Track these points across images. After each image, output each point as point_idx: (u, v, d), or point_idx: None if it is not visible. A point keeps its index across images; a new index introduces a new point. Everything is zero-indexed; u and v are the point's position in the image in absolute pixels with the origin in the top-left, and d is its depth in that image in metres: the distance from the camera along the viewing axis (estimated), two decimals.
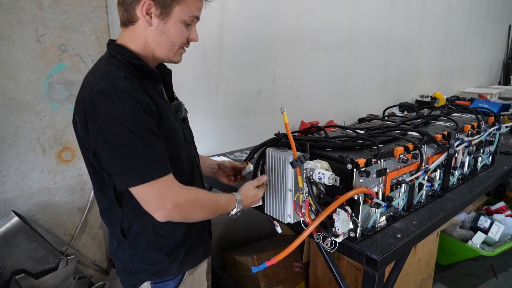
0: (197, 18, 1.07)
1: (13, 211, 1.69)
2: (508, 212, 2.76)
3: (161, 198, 0.95)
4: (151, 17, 1.01)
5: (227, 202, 1.12)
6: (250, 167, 1.36)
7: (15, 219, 1.67)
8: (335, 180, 1.05)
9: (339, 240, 1.10)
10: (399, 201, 1.32)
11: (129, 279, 1.14)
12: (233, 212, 1.14)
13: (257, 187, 1.22)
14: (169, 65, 1.21)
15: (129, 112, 0.91)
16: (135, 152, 0.91)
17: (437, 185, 1.52)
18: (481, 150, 1.77)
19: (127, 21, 1.03)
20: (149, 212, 0.97)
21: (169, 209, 0.95)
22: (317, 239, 1.16)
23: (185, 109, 1.21)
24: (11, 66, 1.61)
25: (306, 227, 1.09)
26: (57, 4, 1.66)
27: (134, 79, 0.98)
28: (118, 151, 0.91)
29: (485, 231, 2.60)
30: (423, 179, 1.38)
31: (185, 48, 1.10)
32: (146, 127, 0.93)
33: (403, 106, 2.91)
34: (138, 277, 1.12)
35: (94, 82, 0.94)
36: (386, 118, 1.90)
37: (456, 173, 1.60)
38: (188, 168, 1.13)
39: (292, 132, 1.12)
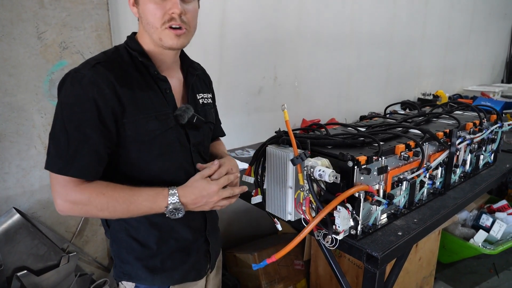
0: None
1: (14, 208, 1.69)
2: (510, 211, 2.75)
3: (55, 191, 0.94)
4: (136, 7, 1.03)
5: (152, 197, 0.96)
6: (248, 179, 1.27)
7: (17, 216, 1.67)
8: (336, 178, 1.05)
9: (339, 237, 1.10)
10: (400, 198, 1.31)
11: (114, 270, 1.15)
12: (166, 211, 0.97)
13: (220, 179, 1.03)
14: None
15: (70, 101, 0.93)
16: (54, 138, 0.94)
17: (438, 183, 1.51)
18: (483, 148, 1.76)
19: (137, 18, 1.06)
20: None
21: (59, 204, 0.94)
22: (318, 236, 1.15)
23: (197, 116, 1.10)
24: (12, 63, 1.61)
25: (306, 224, 1.09)
26: (58, 1, 1.66)
27: (105, 70, 0.95)
28: (51, 133, 0.95)
29: (487, 229, 2.60)
30: (425, 176, 1.37)
31: (173, 23, 0.99)
32: (78, 121, 0.92)
33: (405, 104, 2.89)
34: (115, 270, 1.13)
35: None
36: (387, 116, 1.89)
37: (458, 171, 1.59)
38: (171, 178, 1.05)
39: (293, 130, 1.12)
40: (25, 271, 1.67)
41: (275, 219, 1.29)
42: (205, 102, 1.21)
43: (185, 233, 1.14)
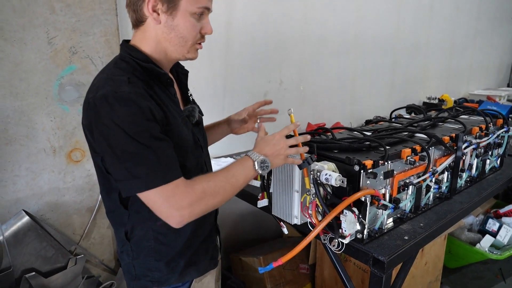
0: (208, 9, 1.02)
1: (24, 210, 1.72)
2: None
3: (167, 205, 0.91)
4: (158, 14, 0.98)
5: (241, 165, 1.02)
6: (254, 182, 1.31)
7: (26, 218, 1.70)
8: (342, 182, 1.06)
9: (346, 241, 1.10)
10: (406, 203, 1.31)
11: (131, 282, 1.14)
12: (257, 167, 1.01)
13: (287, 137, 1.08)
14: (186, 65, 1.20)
15: (130, 118, 0.88)
16: (137, 158, 0.89)
17: (444, 187, 1.51)
18: (490, 153, 1.76)
19: (137, 21, 1.02)
20: (162, 219, 0.94)
21: (177, 216, 0.92)
22: (324, 240, 1.16)
23: (200, 112, 1.17)
24: (23, 68, 1.64)
25: (313, 228, 1.10)
26: (68, 7, 1.69)
27: (139, 83, 0.95)
28: (121, 158, 0.89)
29: (494, 234, 2.58)
30: (431, 181, 1.37)
31: (201, 43, 1.06)
32: (148, 133, 0.90)
33: (410, 108, 2.90)
34: (140, 282, 1.11)
35: (99, 86, 0.93)
36: (393, 120, 1.90)
37: (464, 175, 1.59)
38: (193, 176, 1.08)
39: (299, 134, 1.13)
40: (34, 272, 1.69)
41: (281, 222, 1.29)
42: (193, 98, 1.24)
43: (206, 227, 1.17)
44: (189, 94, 1.21)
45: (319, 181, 1.09)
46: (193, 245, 1.14)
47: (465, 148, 1.52)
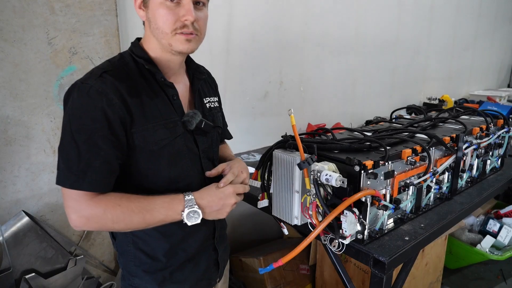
0: None
1: (23, 211, 1.71)
2: None
3: (70, 205, 0.91)
4: (143, 10, 1.00)
5: (168, 204, 0.95)
6: (255, 183, 1.27)
7: (26, 219, 1.69)
8: (343, 182, 1.05)
9: (346, 242, 1.10)
10: (407, 203, 1.31)
11: (121, 281, 1.14)
12: (183, 216, 0.94)
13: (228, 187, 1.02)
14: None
15: (79, 112, 0.90)
16: (64, 152, 0.91)
17: (445, 188, 1.51)
18: (490, 153, 1.75)
19: (142, 21, 1.04)
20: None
21: (74, 219, 0.91)
22: (324, 240, 1.15)
23: (205, 121, 1.08)
24: (23, 68, 1.64)
25: (313, 228, 1.10)
26: (68, 8, 1.69)
27: (112, 79, 0.93)
28: (60, 146, 0.93)
29: (494, 235, 2.58)
30: (431, 181, 1.37)
31: (185, 31, 0.97)
32: (86, 133, 0.89)
33: (410, 109, 2.89)
34: (124, 283, 1.11)
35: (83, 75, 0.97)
36: (393, 120, 1.90)
37: (465, 176, 1.59)
38: (183, 185, 1.04)
39: (299, 134, 1.12)
40: (33, 273, 1.69)
41: (282, 223, 1.29)
42: (212, 106, 1.19)
43: (194, 243, 1.11)
44: (205, 101, 1.16)
45: (319, 182, 1.09)
46: (177, 259, 1.09)
47: (466, 148, 1.52)
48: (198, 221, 0.96)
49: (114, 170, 0.94)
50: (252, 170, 1.35)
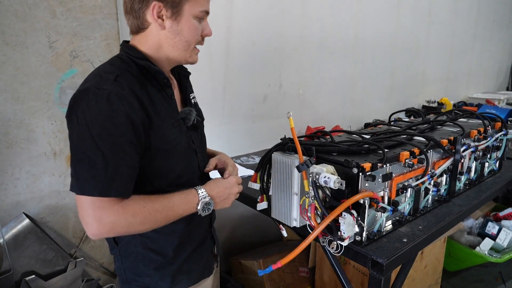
0: (207, 12, 1.05)
1: (24, 213, 1.72)
2: None
3: (92, 214, 0.88)
4: (163, 20, 0.98)
5: (184, 199, 1.00)
6: (254, 185, 1.31)
7: (26, 221, 1.70)
8: (341, 184, 1.06)
9: (345, 243, 1.11)
10: (405, 205, 1.32)
11: (123, 286, 1.13)
12: (199, 207, 1.01)
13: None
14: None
15: (100, 118, 0.87)
16: (87, 161, 0.87)
17: (443, 190, 1.52)
18: (488, 156, 1.77)
19: (138, 28, 1.01)
20: (82, 223, 0.91)
21: (96, 227, 0.89)
22: (323, 242, 1.16)
23: (199, 116, 1.15)
24: (25, 71, 1.66)
25: (312, 230, 1.10)
26: (69, 12, 1.71)
27: (129, 82, 0.94)
28: (76, 154, 0.89)
29: (493, 238, 2.58)
30: (429, 184, 1.38)
31: (201, 44, 1.08)
32: (112, 139, 0.88)
33: (409, 112, 2.90)
34: (130, 286, 1.11)
35: (87, 80, 0.94)
36: (392, 123, 1.91)
37: (463, 178, 1.59)
38: (185, 180, 1.07)
39: (298, 137, 1.13)
40: (33, 275, 1.69)
41: (281, 225, 1.30)
42: (195, 101, 1.24)
43: (198, 234, 1.17)
44: (191, 97, 1.20)
45: (318, 184, 1.10)
46: (184, 252, 1.12)
47: (464, 151, 1.53)
48: (210, 211, 1.04)
49: (136, 174, 0.95)
50: (251, 172, 1.36)
